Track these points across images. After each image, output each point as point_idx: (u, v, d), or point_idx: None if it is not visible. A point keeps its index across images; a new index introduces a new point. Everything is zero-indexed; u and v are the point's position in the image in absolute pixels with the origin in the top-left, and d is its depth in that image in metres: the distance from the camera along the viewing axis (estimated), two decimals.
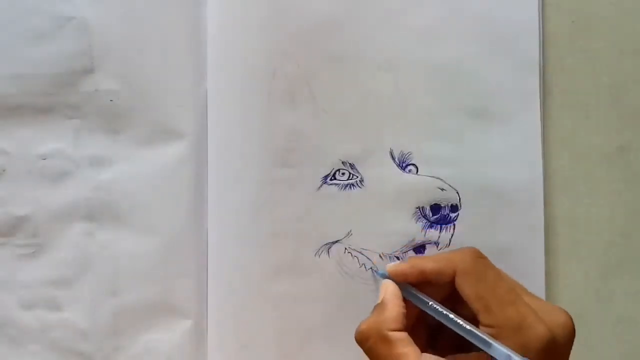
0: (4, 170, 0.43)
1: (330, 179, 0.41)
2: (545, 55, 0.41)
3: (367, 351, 0.34)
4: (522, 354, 0.30)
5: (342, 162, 0.41)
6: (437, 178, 0.41)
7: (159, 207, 0.42)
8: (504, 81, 0.41)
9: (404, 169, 0.41)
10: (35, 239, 0.42)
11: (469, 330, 0.33)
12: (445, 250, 0.36)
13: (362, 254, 0.41)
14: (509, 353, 0.30)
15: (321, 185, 0.41)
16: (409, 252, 0.41)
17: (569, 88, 0.42)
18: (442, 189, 0.41)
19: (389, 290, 0.36)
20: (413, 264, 0.36)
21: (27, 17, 0.42)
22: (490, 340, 0.31)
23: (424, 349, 0.33)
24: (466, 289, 0.34)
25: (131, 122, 0.42)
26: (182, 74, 0.42)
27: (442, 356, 0.32)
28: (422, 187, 0.40)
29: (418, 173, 0.41)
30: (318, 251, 0.41)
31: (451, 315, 0.34)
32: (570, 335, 0.33)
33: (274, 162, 0.41)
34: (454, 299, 0.35)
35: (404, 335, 0.34)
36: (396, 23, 0.41)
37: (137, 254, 0.42)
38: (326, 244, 0.41)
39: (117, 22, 0.42)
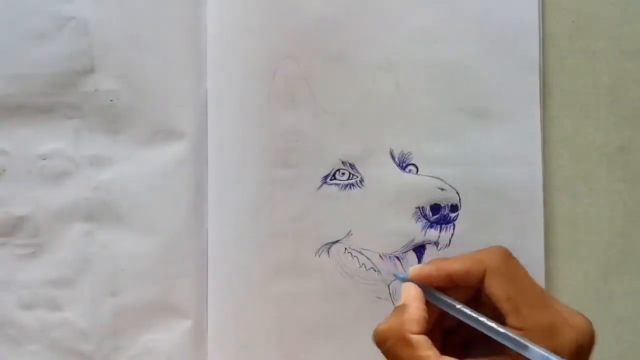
0: (4, 170, 0.43)
1: (330, 179, 0.41)
2: (545, 55, 0.41)
3: (386, 352, 0.33)
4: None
5: (342, 162, 0.41)
6: (437, 178, 0.41)
7: (159, 207, 0.42)
8: (504, 81, 0.41)
9: (404, 169, 0.41)
10: (35, 239, 0.42)
11: (503, 333, 0.32)
12: (468, 252, 0.35)
13: (362, 254, 0.41)
14: (547, 355, 0.30)
15: (321, 185, 0.41)
16: (408, 252, 0.41)
17: (569, 88, 0.42)
18: (442, 189, 0.41)
19: (412, 293, 0.35)
20: (438, 266, 0.35)
21: (27, 17, 0.42)
22: (527, 343, 0.31)
23: (439, 352, 0.33)
24: (496, 289, 0.33)
25: (131, 122, 0.42)
26: (182, 74, 0.42)
27: (458, 358, 0.32)
28: (422, 187, 0.40)
29: (418, 173, 0.41)
30: (318, 251, 0.41)
31: (482, 319, 0.33)
32: (592, 341, 0.33)
33: (274, 162, 0.41)
34: (476, 300, 0.34)
35: (424, 338, 0.33)
36: (396, 23, 0.41)
37: (137, 254, 0.42)
38: (326, 244, 0.41)
39: (117, 22, 0.42)
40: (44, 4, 0.42)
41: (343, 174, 0.41)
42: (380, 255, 0.41)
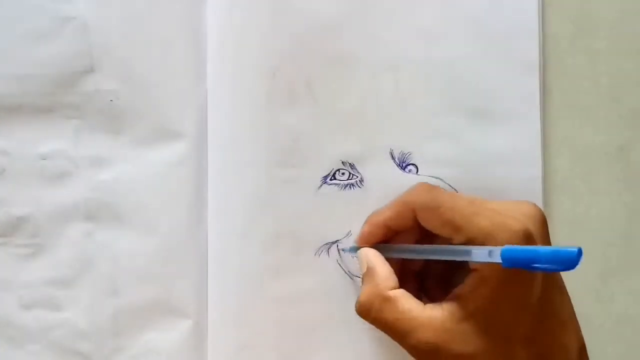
0: (4, 170, 0.43)
1: (330, 179, 0.41)
2: (545, 55, 0.41)
3: (374, 320, 0.34)
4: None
5: (342, 162, 0.41)
6: (437, 178, 0.41)
7: (159, 207, 0.42)
8: (504, 81, 0.41)
9: (404, 169, 0.41)
10: (35, 239, 0.42)
11: (446, 250, 0.33)
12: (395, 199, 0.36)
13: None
14: (488, 249, 0.30)
15: (321, 185, 0.41)
16: None
17: (569, 88, 0.42)
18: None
19: (370, 255, 0.36)
20: (372, 222, 0.37)
21: (27, 17, 0.42)
22: (468, 248, 0.31)
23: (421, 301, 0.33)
24: (429, 221, 0.34)
25: (131, 122, 0.42)
26: (182, 74, 0.42)
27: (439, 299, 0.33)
28: None
29: (418, 173, 0.41)
30: (318, 251, 0.41)
31: (425, 246, 0.34)
32: (542, 223, 0.33)
33: (274, 162, 0.41)
34: (429, 239, 0.35)
35: (402, 291, 0.34)
36: (396, 23, 0.41)
37: (137, 254, 0.42)
38: (326, 244, 0.41)
39: (117, 22, 0.42)
40: (44, 4, 0.42)
41: (343, 174, 0.41)
42: None
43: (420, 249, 0.35)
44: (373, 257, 0.36)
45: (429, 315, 0.32)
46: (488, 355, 0.31)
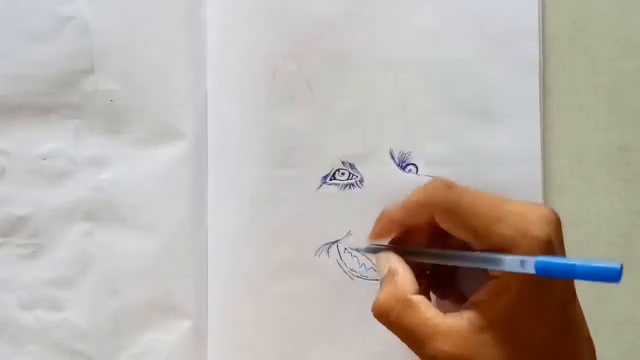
0: (4, 170, 0.43)
1: (330, 179, 0.41)
2: (545, 55, 0.41)
3: (392, 324, 0.32)
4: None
5: (342, 162, 0.41)
6: (438, 177, 0.41)
7: (159, 207, 0.42)
8: (504, 81, 0.41)
9: (403, 169, 0.41)
10: (35, 239, 0.42)
11: (472, 257, 0.32)
12: (411, 195, 0.35)
13: (362, 254, 0.41)
14: (522, 259, 0.29)
15: (321, 185, 0.41)
16: None
17: (569, 88, 0.42)
18: None
19: (392, 259, 0.35)
20: (386, 218, 0.35)
21: (27, 17, 0.42)
22: (500, 256, 0.30)
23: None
24: (448, 224, 0.32)
25: (131, 122, 0.42)
26: (182, 74, 0.42)
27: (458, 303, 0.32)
28: None
29: (418, 173, 0.41)
30: (318, 251, 0.41)
31: (452, 252, 0.33)
32: (560, 227, 0.32)
33: (274, 162, 0.41)
34: (442, 236, 0.34)
35: (423, 298, 0.32)
36: (396, 23, 0.41)
37: (137, 254, 0.42)
38: (326, 244, 0.41)
39: (117, 22, 0.42)
40: (44, 4, 0.42)
41: (343, 173, 0.41)
42: None
43: (444, 255, 0.34)
44: (395, 260, 0.34)
45: (450, 324, 0.31)
46: None
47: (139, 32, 0.42)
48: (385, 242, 0.36)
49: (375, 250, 0.36)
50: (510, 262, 0.30)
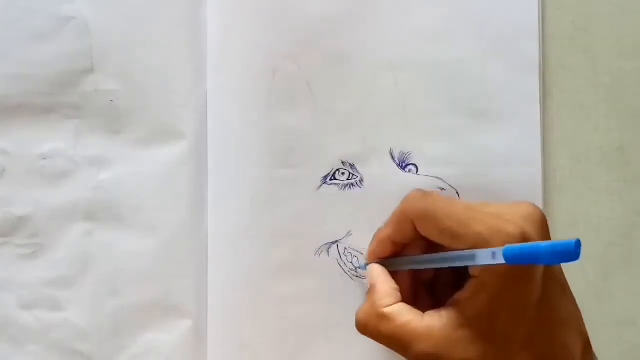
0: (4, 170, 0.43)
1: (330, 179, 0.41)
2: (545, 55, 0.41)
3: (373, 336, 0.34)
4: None
5: (342, 162, 0.41)
6: (437, 178, 0.41)
7: (159, 207, 0.42)
8: (504, 81, 0.41)
9: (403, 169, 0.41)
10: (35, 239, 0.42)
11: (450, 257, 0.32)
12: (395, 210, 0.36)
13: (362, 254, 0.41)
14: (492, 251, 0.29)
15: (321, 185, 0.41)
16: None
17: (569, 88, 0.42)
18: (442, 189, 0.41)
19: (374, 272, 0.36)
20: (378, 238, 0.37)
21: (27, 17, 0.42)
22: (472, 252, 0.31)
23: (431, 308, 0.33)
24: (427, 230, 0.34)
25: (131, 122, 0.42)
26: (182, 74, 0.42)
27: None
28: (422, 187, 0.40)
29: (418, 173, 0.41)
30: (318, 251, 0.41)
31: (429, 256, 0.34)
32: (542, 224, 0.32)
33: (274, 162, 0.41)
34: (434, 248, 0.35)
35: (400, 306, 0.34)
36: (396, 23, 0.41)
37: (137, 254, 0.42)
38: (326, 244, 0.41)
39: (117, 22, 0.42)
40: (44, 4, 0.42)
41: (343, 174, 0.41)
42: None
43: (426, 259, 0.35)
44: (376, 274, 0.36)
45: (428, 325, 0.32)
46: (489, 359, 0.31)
47: (139, 32, 0.42)
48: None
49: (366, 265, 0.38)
50: (482, 256, 0.30)
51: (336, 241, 0.41)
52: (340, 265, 0.41)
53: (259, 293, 0.41)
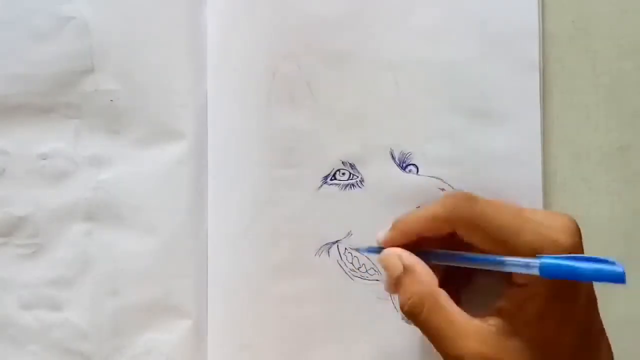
0: (4, 170, 0.43)
1: (331, 179, 0.41)
2: (545, 55, 0.41)
3: (422, 322, 0.32)
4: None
5: (342, 162, 0.41)
6: (438, 178, 0.41)
7: (159, 207, 0.42)
8: (504, 81, 0.41)
9: (404, 169, 0.41)
10: (35, 239, 0.42)
11: (480, 258, 0.32)
12: (428, 205, 0.35)
13: (362, 254, 0.41)
14: (525, 261, 0.29)
15: (321, 185, 0.41)
16: None
17: (569, 88, 0.42)
18: (442, 189, 0.41)
19: (405, 255, 0.34)
20: (401, 228, 0.35)
21: (27, 17, 0.42)
22: (502, 258, 0.30)
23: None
24: (472, 236, 0.33)
25: (131, 122, 0.42)
26: (182, 74, 0.42)
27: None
28: (423, 187, 0.40)
29: (418, 173, 0.41)
30: (318, 251, 0.41)
31: (459, 253, 0.33)
32: (580, 236, 0.32)
33: (274, 162, 0.41)
34: (455, 246, 0.34)
35: (447, 295, 0.33)
36: (396, 23, 0.41)
37: (137, 254, 0.42)
38: (326, 244, 0.41)
39: (117, 22, 0.42)
40: (44, 4, 0.42)
41: (343, 174, 0.41)
42: None
43: (455, 256, 0.34)
44: (408, 256, 0.34)
45: (478, 326, 0.31)
46: None
47: (139, 32, 0.42)
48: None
49: (377, 250, 0.36)
50: (513, 262, 0.30)
51: (336, 241, 0.41)
52: (340, 266, 0.41)
53: (259, 293, 0.41)
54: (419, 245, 0.35)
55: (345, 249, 0.41)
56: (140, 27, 0.42)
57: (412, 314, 0.33)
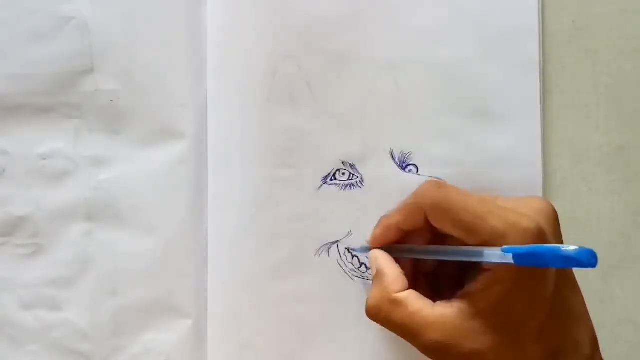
0: (4, 170, 0.43)
1: (331, 179, 0.41)
2: (545, 55, 0.41)
3: (384, 322, 0.34)
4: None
5: (342, 162, 0.41)
6: (437, 178, 0.41)
7: (159, 207, 0.42)
8: (504, 81, 0.41)
9: (404, 169, 0.41)
10: (35, 239, 0.42)
11: (458, 251, 0.32)
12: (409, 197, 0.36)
13: (355, 254, 0.41)
14: (505, 249, 0.29)
15: (321, 185, 0.41)
16: None
17: (569, 88, 0.42)
18: None
19: (380, 258, 0.36)
20: (384, 224, 0.37)
21: (27, 17, 0.42)
22: (480, 249, 0.31)
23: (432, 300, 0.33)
24: (441, 222, 0.33)
25: (131, 122, 0.42)
26: (182, 74, 0.42)
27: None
28: None
29: (418, 173, 0.41)
30: (318, 251, 0.41)
31: (436, 247, 0.34)
32: (554, 219, 0.33)
33: (274, 162, 0.41)
34: (440, 239, 0.35)
35: (410, 293, 0.33)
36: (396, 23, 0.41)
37: (137, 253, 0.42)
38: (326, 244, 0.41)
39: (117, 22, 0.42)
40: (44, 4, 0.42)
41: (343, 174, 0.41)
42: None
43: (432, 250, 0.35)
44: (382, 260, 0.36)
45: (439, 314, 0.32)
46: (499, 352, 0.31)
47: (139, 32, 0.42)
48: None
49: (367, 249, 0.37)
50: (491, 254, 0.30)
51: (336, 241, 0.41)
52: (340, 266, 0.41)
53: (259, 293, 0.41)
54: (404, 241, 0.37)
55: (346, 249, 0.41)
56: (140, 27, 0.42)
57: (371, 316, 0.34)
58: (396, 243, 0.37)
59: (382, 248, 0.37)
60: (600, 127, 0.42)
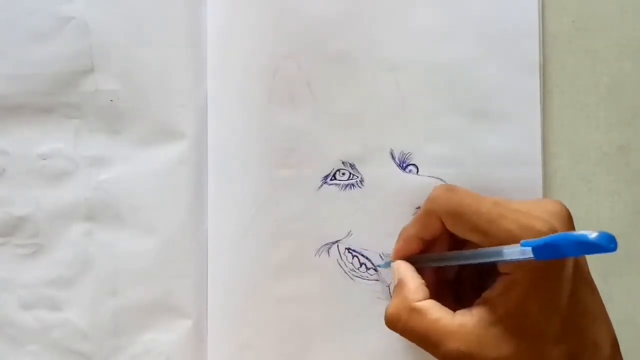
0: (4, 170, 0.43)
1: (331, 179, 0.41)
2: (545, 55, 0.41)
3: (403, 331, 0.34)
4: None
5: (342, 162, 0.41)
6: (438, 178, 0.41)
7: (159, 207, 0.42)
8: (504, 81, 0.41)
9: (404, 169, 0.41)
10: (35, 239, 0.42)
11: (477, 253, 0.32)
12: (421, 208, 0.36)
13: (362, 254, 0.41)
14: (522, 248, 0.29)
15: (321, 185, 0.41)
16: None
17: (569, 88, 0.42)
18: None
19: (401, 268, 0.36)
20: (404, 236, 0.37)
21: (27, 17, 0.42)
22: (499, 248, 0.31)
23: (453, 310, 0.33)
24: (456, 227, 0.33)
25: (131, 122, 0.42)
26: (182, 74, 0.42)
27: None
28: (423, 187, 0.40)
29: (418, 173, 0.41)
30: (318, 251, 0.41)
31: (455, 253, 0.34)
32: (568, 220, 0.33)
33: (274, 162, 0.41)
34: (461, 245, 0.35)
35: (431, 302, 0.33)
36: (396, 23, 0.41)
37: (137, 253, 0.42)
38: (326, 244, 0.41)
39: (117, 22, 0.42)
40: (44, 4, 0.42)
41: (343, 174, 0.41)
42: (380, 255, 0.41)
43: (452, 256, 0.35)
44: (403, 269, 0.36)
45: (459, 323, 0.32)
46: (520, 357, 0.31)
47: (139, 32, 0.42)
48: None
49: (390, 264, 0.38)
50: (510, 251, 0.30)
51: (336, 241, 0.41)
52: (340, 266, 0.41)
53: (259, 293, 0.41)
54: (426, 251, 0.37)
55: (346, 249, 0.41)
56: (140, 27, 0.42)
57: (390, 324, 0.34)
58: (418, 253, 0.37)
59: (409, 259, 0.37)
60: (600, 127, 0.42)
